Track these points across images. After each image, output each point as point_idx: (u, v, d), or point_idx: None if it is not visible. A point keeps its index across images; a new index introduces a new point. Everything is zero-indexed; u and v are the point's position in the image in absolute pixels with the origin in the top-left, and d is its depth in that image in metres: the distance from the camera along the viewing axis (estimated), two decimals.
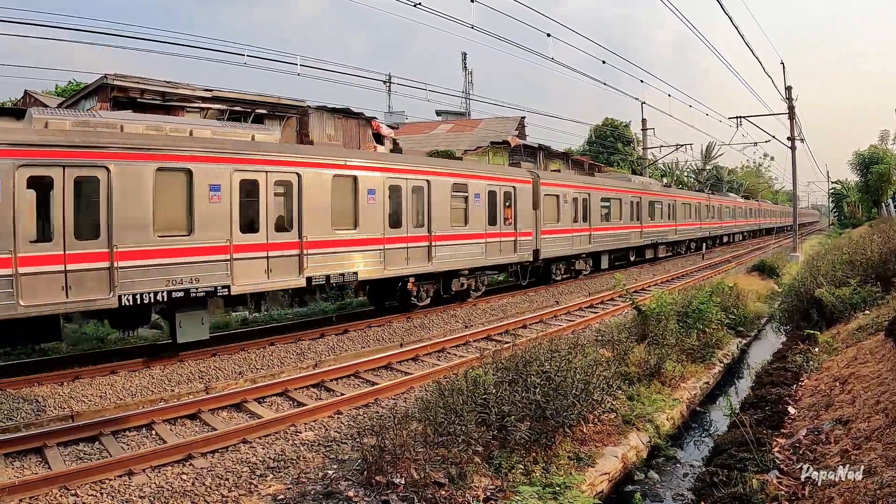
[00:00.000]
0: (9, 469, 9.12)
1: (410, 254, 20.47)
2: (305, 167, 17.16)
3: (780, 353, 16.14)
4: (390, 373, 14.57)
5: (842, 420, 9.29)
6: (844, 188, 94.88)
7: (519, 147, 48.48)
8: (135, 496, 8.12)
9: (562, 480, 8.64)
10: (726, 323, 17.98)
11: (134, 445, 10.11)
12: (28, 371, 13.80)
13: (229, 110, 26.91)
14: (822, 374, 12.90)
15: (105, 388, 12.96)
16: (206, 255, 14.85)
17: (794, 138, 40.71)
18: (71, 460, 9.47)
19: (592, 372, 10.45)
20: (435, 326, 19.55)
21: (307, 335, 17.75)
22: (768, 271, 31.60)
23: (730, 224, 62.52)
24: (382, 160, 20.67)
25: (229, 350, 16.04)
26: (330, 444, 9.92)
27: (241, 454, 9.59)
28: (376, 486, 7.89)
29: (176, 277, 14.31)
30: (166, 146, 14.42)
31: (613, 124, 70.59)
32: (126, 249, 13.54)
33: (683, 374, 14.07)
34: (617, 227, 34.79)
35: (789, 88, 40.88)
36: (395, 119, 59.92)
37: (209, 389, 12.94)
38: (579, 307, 23.21)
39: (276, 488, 8.27)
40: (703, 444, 12.20)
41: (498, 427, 8.98)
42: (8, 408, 11.61)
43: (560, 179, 30.29)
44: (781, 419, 10.93)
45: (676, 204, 44.51)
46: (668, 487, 10.19)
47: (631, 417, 11.26)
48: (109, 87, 23.70)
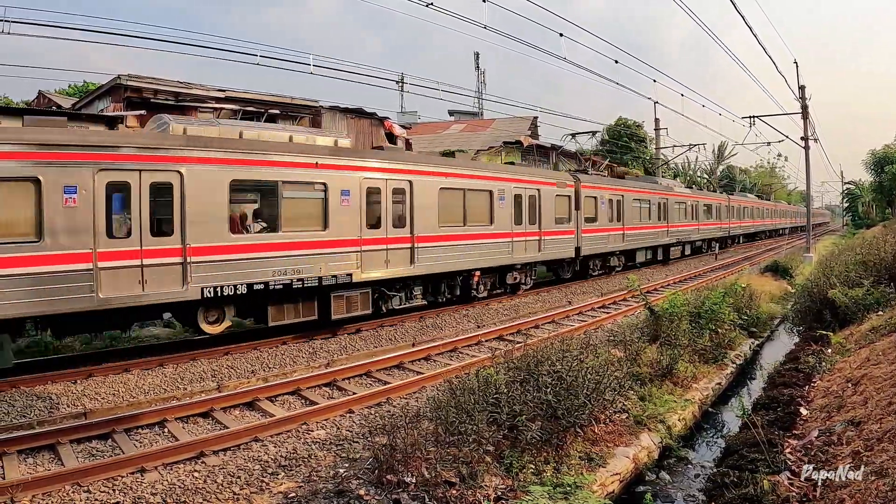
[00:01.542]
0: (22, 465, 9.18)
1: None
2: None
3: (793, 353, 16.09)
4: (402, 372, 14.57)
5: (854, 421, 9.25)
6: (858, 188, 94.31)
7: (532, 147, 48.45)
8: (147, 493, 8.17)
9: (573, 480, 8.64)
10: (739, 323, 17.90)
11: (146, 443, 10.16)
12: (41, 369, 13.91)
13: (242, 110, 27.01)
14: (835, 375, 12.85)
15: (118, 385, 13.04)
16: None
17: (808, 138, 40.44)
18: (84, 457, 9.51)
19: (604, 372, 10.43)
20: (447, 326, 19.56)
21: (320, 335, 17.78)
22: (781, 272, 31.42)
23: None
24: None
25: (242, 349, 16.09)
26: (341, 443, 9.94)
27: (253, 452, 9.63)
28: (387, 484, 7.91)
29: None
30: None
31: (626, 124, 70.37)
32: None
33: (695, 374, 14.05)
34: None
35: (802, 88, 40.60)
36: (408, 119, 60.08)
37: (221, 388, 12.99)
38: (591, 307, 23.16)
39: (288, 486, 8.30)
40: (714, 445, 12.18)
41: (509, 427, 8.99)
42: (22, 405, 11.70)
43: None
44: (793, 420, 10.90)
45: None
46: (679, 488, 10.18)
47: (642, 418, 11.24)
48: (123, 88, 23.84)
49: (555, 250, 27.18)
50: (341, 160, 17.58)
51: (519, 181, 24.97)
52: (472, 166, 24.69)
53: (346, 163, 17.70)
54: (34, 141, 12.47)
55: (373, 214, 18.51)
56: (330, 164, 17.18)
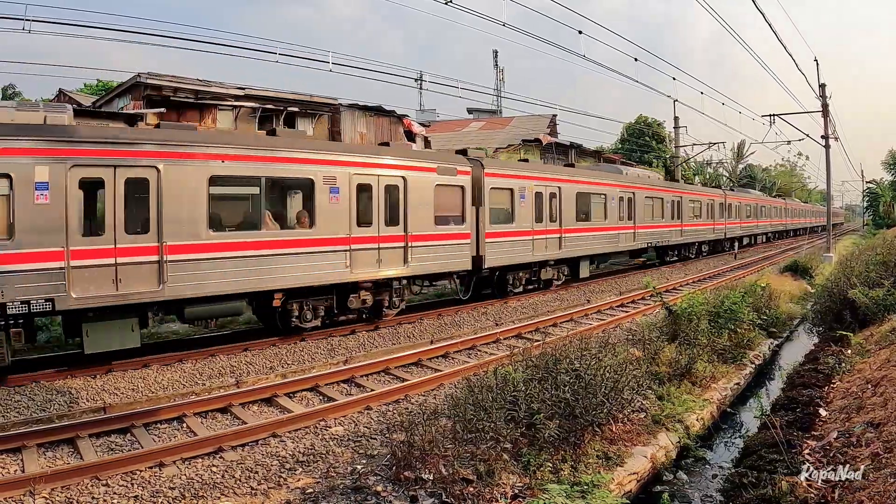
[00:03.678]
0: (42, 459, 9.27)
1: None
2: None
3: (812, 354, 16.01)
4: (420, 369, 14.60)
5: (873, 423, 9.19)
6: (879, 188, 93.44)
7: (551, 145, 48.37)
8: (165, 487, 8.22)
9: (590, 479, 8.62)
10: (758, 324, 17.77)
11: (165, 438, 10.25)
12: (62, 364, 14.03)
13: (261, 108, 27.10)
14: (854, 376, 12.77)
15: (137, 381, 13.14)
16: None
17: (828, 136, 40.07)
18: (103, 451, 9.61)
19: (622, 371, 10.41)
20: (466, 324, 19.55)
21: (338, 331, 17.84)
22: (801, 272, 31.19)
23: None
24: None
25: (260, 345, 16.18)
26: (359, 440, 9.96)
27: (271, 448, 9.67)
28: (405, 481, 7.94)
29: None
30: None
31: (647, 122, 70.12)
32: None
33: (714, 374, 13.99)
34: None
35: (823, 86, 40.21)
36: (427, 117, 59.99)
37: (240, 384, 13.05)
38: (610, 306, 23.09)
39: (305, 482, 8.33)
40: (732, 446, 12.12)
41: (527, 424, 8.98)
42: (42, 399, 11.81)
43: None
44: (812, 421, 10.85)
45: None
46: (696, 488, 10.15)
47: (660, 417, 11.22)
48: (143, 86, 23.97)
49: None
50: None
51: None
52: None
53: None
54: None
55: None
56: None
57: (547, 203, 25.32)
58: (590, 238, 28.48)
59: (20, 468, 8.91)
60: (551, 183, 25.78)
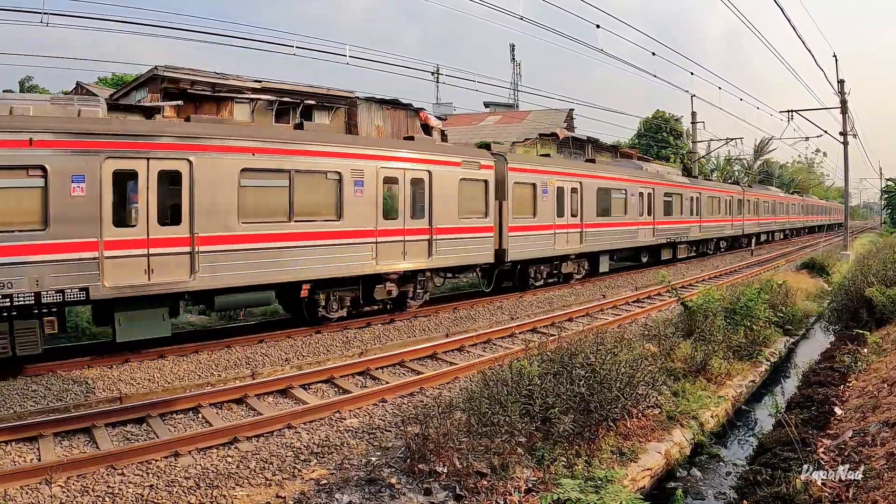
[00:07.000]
0: (58, 448, 9.35)
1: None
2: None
3: (828, 352, 15.93)
4: (435, 362, 14.60)
5: (889, 422, 9.15)
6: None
7: (567, 139, 48.25)
8: (180, 477, 8.29)
9: (604, 474, 8.62)
10: (774, 321, 17.67)
11: (180, 428, 10.32)
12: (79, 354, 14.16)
13: (278, 101, 27.17)
14: (871, 375, 12.71)
15: (153, 371, 13.24)
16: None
17: (847, 133, 39.77)
18: (118, 441, 9.69)
19: (637, 366, 10.39)
20: (481, 318, 19.56)
21: (354, 324, 17.90)
22: (818, 269, 31.01)
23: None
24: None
25: (276, 337, 16.25)
26: (374, 432, 9.99)
27: (286, 439, 9.72)
28: (419, 473, 7.97)
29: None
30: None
31: (664, 117, 69.78)
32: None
33: (729, 371, 13.93)
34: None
35: (842, 82, 39.84)
36: (444, 110, 59.92)
37: (255, 375, 13.11)
38: (626, 301, 23.02)
39: (320, 473, 8.37)
40: (746, 443, 12.07)
41: (541, 419, 8.99)
42: (58, 389, 11.92)
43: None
44: (827, 420, 10.81)
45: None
46: (710, 485, 10.13)
47: (675, 413, 11.19)
48: (160, 79, 24.08)
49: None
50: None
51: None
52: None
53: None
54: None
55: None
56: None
57: (568, 198, 25.53)
58: (610, 233, 28.65)
59: (36, 457, 9.00)
60: (573, 178, 25.98)
